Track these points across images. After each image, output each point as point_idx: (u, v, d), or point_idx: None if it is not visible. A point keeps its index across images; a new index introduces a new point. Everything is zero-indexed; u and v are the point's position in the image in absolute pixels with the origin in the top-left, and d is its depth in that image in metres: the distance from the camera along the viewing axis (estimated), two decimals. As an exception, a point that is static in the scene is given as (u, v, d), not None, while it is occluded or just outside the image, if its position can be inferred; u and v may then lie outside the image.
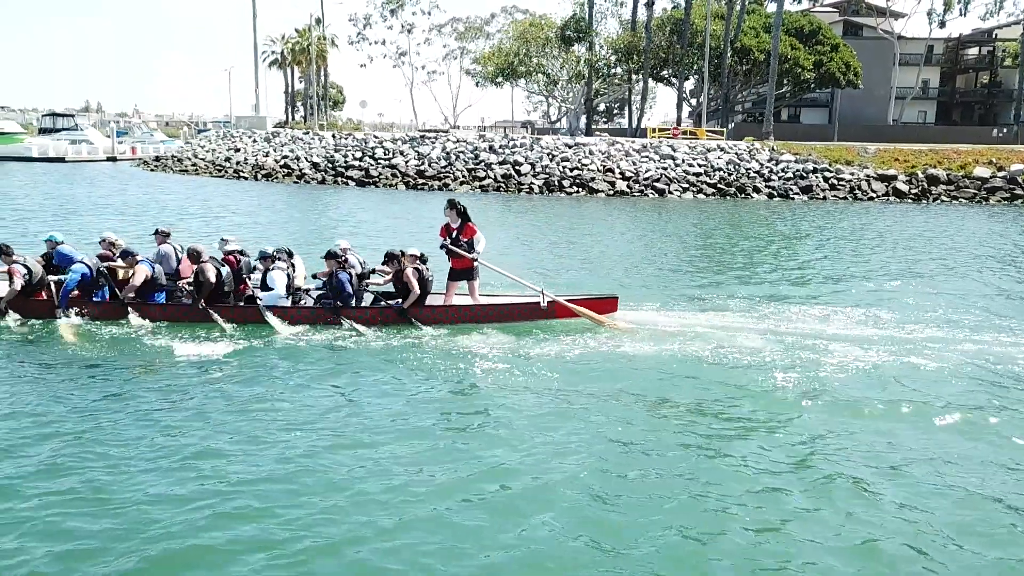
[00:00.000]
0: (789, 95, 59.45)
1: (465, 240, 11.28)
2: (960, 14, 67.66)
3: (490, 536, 5.45)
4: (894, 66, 61.66)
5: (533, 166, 41.17)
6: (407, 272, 10.85)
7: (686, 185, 39.28)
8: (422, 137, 47.11)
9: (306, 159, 46.21)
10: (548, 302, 11.04)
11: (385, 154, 44.47)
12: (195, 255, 10.89)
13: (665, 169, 40.21)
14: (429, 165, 42.58)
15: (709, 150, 41.74)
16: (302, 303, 11.11)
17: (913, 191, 38.57)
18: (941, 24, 65.51)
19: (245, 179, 45.39)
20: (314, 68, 66.46)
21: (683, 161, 40.77)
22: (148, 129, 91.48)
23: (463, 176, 41.31)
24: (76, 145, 63.91)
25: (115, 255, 11.19)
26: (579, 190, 39.28)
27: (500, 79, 61.64)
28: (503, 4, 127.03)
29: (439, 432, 7.31)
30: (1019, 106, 59.59)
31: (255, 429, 7.20)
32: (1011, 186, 37.99)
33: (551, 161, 41.33)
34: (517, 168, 41.13)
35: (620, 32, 61.87)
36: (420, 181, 41.37)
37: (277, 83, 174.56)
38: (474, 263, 11.32)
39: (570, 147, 42.46)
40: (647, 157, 41.25)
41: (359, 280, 11.25)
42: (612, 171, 40.30)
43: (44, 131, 71.42)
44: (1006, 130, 54.68)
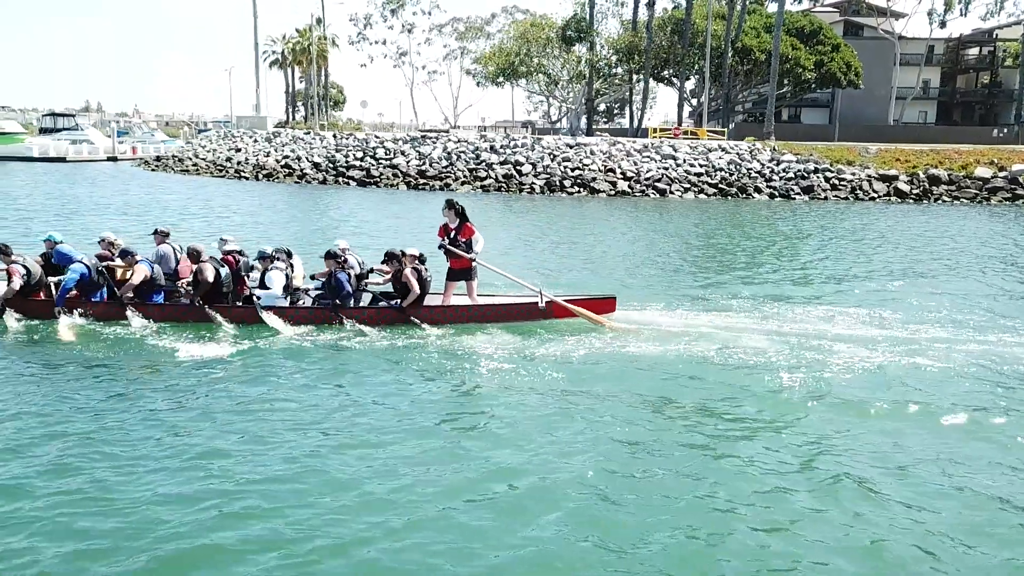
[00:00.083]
0: (790, 95, 59.45)
1: (463, 240, 11.27)
2: (960, 14, 67.75)
3: (498, 536, 5.44)
4: (895, 66, 61.64)
5: (534, 166, 41.17)
6: (406, 272, 10.84)
7: (687, 185, 39.28)
8: (423, 137, 47.10)
9: (307, 159, 46.20)
10: (546, 302, 11.03)
11: (386, 154, 44.47)
12: (195, 255, 10.89)
13: (666, 169, 40.20)
14: (430, 165, 42.58)
15: (710, 150, 41.74)
16: (300, 303, 11.10)
17: (914, 191, 38.57)
18: (942, 24, 65.55)
19: (246, 179, 45.39)
20: (315, 68, 66.46)
21: (684, 161, 40.77)
22: (148, 129, 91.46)
23: (464, 176, 41.30)
24: (77, 145, 63.91)
25: (114, 255, 11.17)
26: (580, 190, 39.28)
27: (501, 79, 61.64)
28: (503, 4, 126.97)
29: (444, 432, 7.31)
30: (1020, 106, 59.59)
31: (260, 429, 7.20)
32: (1012, 186, 37.98)
33: (552, 161, 41.32)
34: (518, 168, 41.13)
35: (621, 32, 61.86)
36: (421, 181, 41.37)
37: (278, 83, 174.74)
38: (472, 263, 11.31)
39: (571, 147, 42.46)
40: (648, 157, 41.25)
41: (358, 280, 11.26)
42: (613, 171, 40.30)
43: (44, 131, 71.43)
44: (1006, 130, 54.66)
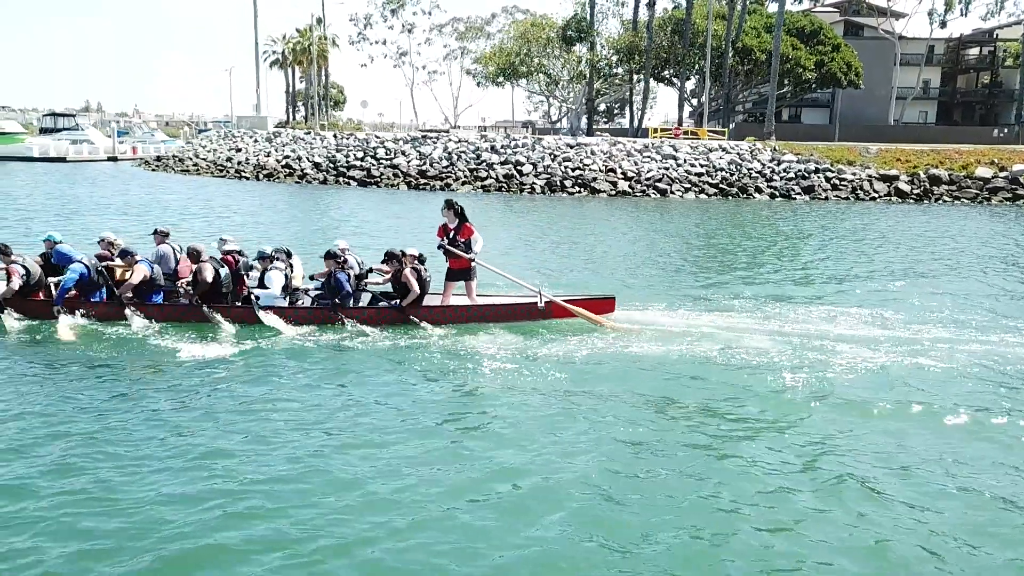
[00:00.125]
0: (790, 95, 59.45)
1: (462, 240, 11.26)
2: (961, 14, 67.78)
3: (502, 536, 5.44)
4: (895, 66, 61.64)
5: (535, 166, 41.17)
6: (406, 272, 10.85)
7: (688, 185, 39.29)
8: (424, 137, 47.11)
9: (308, 159, 46.20)
10: (545, 302, 11.03)
11: (387, 154, 44.47)
12: (195, 254, 10.90)
13: (667, 169, 40.21)
14: (431, 165, 42.58)
15: (711, 150, 41.74)
16: (300, 303, 11.10)
17: (915, 191, 38.58)
18: (942, 24, 65.59)
19: (247, 179, 45.38)
20: (315, 68, 66.46)
21: (685, 161, 40.77)
22: (149, 129, 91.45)
23: (465, 176, 41.31)
24: (77, 145, 63.88)
25: (113, 255, 11.16)
26: (581, 190, 39.28)
27: (501, 79, 61.64)
28: (504, 4, 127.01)
29: (446, 432, 7.31)
30: (1020, 106, 59.60)
31: (263, 429, 7.20)
32: (1013, 186, 37.99)
33: (553, 161, 41.32)
34: (519, 168, 41.13)
35: (621, 32, 61.85)
36: (422, 181, 41.37)
37: (278, 83, 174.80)
38: (471, 263, 11.31)
39: (572, 147, 42.46)
40: (649, 157, 41.25)
41: (357, 280, 11.25)
42: (614, 171, 40.30)
43: (45, 131, 71.40)
44: (1007, 130, 54.68)
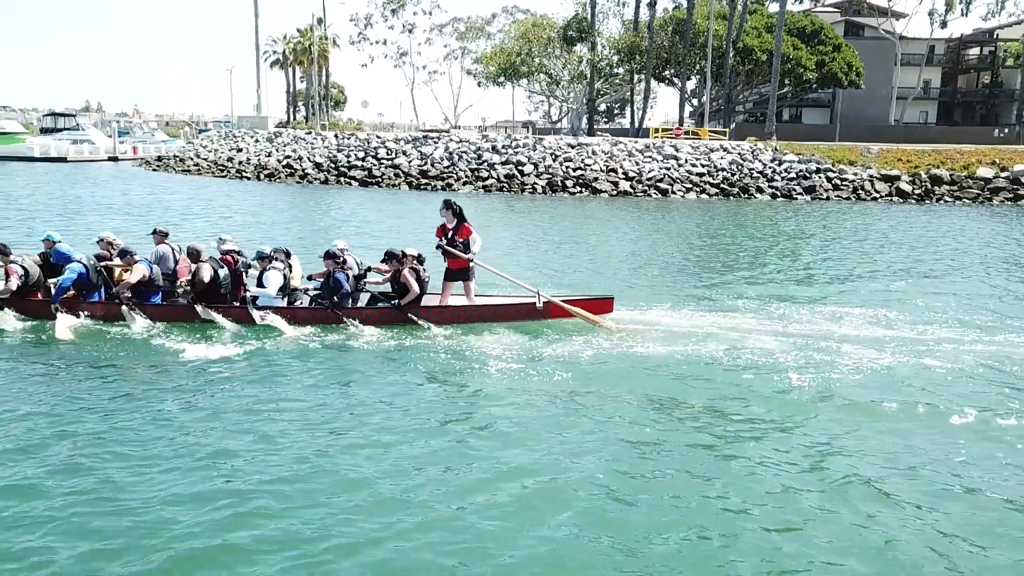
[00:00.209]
0: (791, 95, 59.45)
1: (461, 240, 11.26)
2: (961, 14, 67.86)
3: (511, 536, 5.44)
4: (895, 66, 61.67)
5: (536, 166, 41.16)
6: (405, 272, 10.85)
7: (689, 185, 39.28)
8: (425, 137, 47.11)
9: (309, 159, 46.20)
10: (544, 302, 11.03)
11: (388, 154, 44.46)
12: (195, 254, 10.90)
13: (668, 169, 40.21)
14: (432, 165, 42.58)
15: (712, 150, 41.74)
16: (298, 303, 11.11)
17: (916, 191, 38.58)
18: (942, 24, 65.68)
19: (248, 179, 45.38)
20: (316, 68, 66.47)
21: (686, 161, 40.77)
22: (149, 129, 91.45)
23: (466, 176, 41.30)
24: (78, 145, 63.87)
25: (112, 255, 11.14)
26: (582, 190, 39.27)
27: (502, 79, 61.63)
28: (504, 4, 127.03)
29: (451, 432, 7.31)
30: (1021, 106, 59.69)
31: (268, 429, 7.20)
32: (1014, 186, 37.99)
33: (554, 161, 41.32)
34: (520, 168, 41.13)
35: (622, 32, 61.84)
36: (423, 181, 41.37)
37: (278, 83, 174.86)
38: (470, 264, 11.31)
39: (573, 147, 42.46)
40: (650, 157, 41.25)
41: (356, 281, 11.25)
42: (615, 171, 40.30)
43: (45, 131, 71.37)
44: (1007, 130, 54.71)
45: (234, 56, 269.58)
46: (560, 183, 39.71)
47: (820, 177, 39.36)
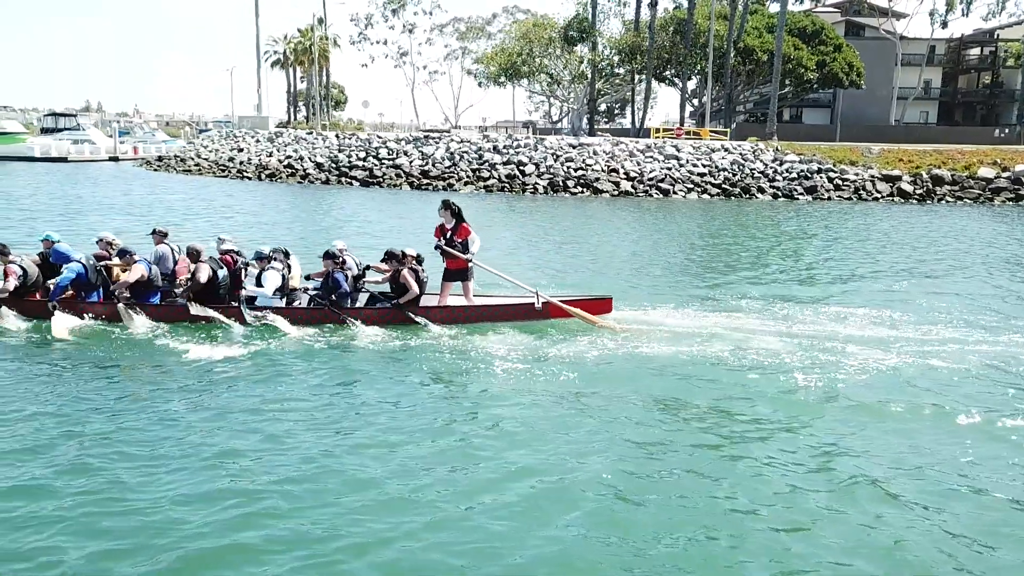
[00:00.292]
0: (791, 95, 59.45)
1: (459, 241, 11.25)
2: (962, 14, 67.77)
3: (519, 537, 5.44)
4: (896, 66, 61.67)
5: (537, 166, 41.16)
6: (404, 272, 10.84)
7: (691, 185, 39.28)
8: (426, 137, 47.11)
9: (310, 159, 46.20)
10: (543, 303, 11.02)
11: (389, 154, 44.47)
12: (194, 254, 10.89)
13: (669, 169, 40.20)
14: (433, 165, 42.57)
15: (713, 150, 41.74)
16: (297, 303, 11.10)
17: (917, 192, 38.58)
18: (943, 24, 65.63)
19: (249, 179, 45.38)
20: (316, 68, 66.49)
21: (687, 161, 40.77)
22: (149, 129, 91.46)
23: (467, 176, 41.29)
24: (78, 145, 63.86)
25: (112, 255, 11.13)
26: (583, 190, 39.27)
27: (503, 79, 61.63)
28: (504, 4, 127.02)
29: (457, 432, 7.30)
30: (1022, 106, 59.63)
31: (274, 429, 7.19)
32: (1015, 186, 38.01)
33: (555, 161, 41.31)
34: (521, 168, 41.12)
35: (623, 32, 61.84)
36: (424, 181, 41.37)
37: (279, 83, 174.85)
38: (468, 264, 11.30)
39: (574, 147, 42.45)
40: (651, 157, 41.25)
41: (355, 281, 11.25)
42: (616, 171, 40.29)
43: (46, 131, 71.30)
44: (1008, 130, 54.72)
45: (234, 56, 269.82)
46: (561, 183, 39.70)
47: (821, 177, 39.35)
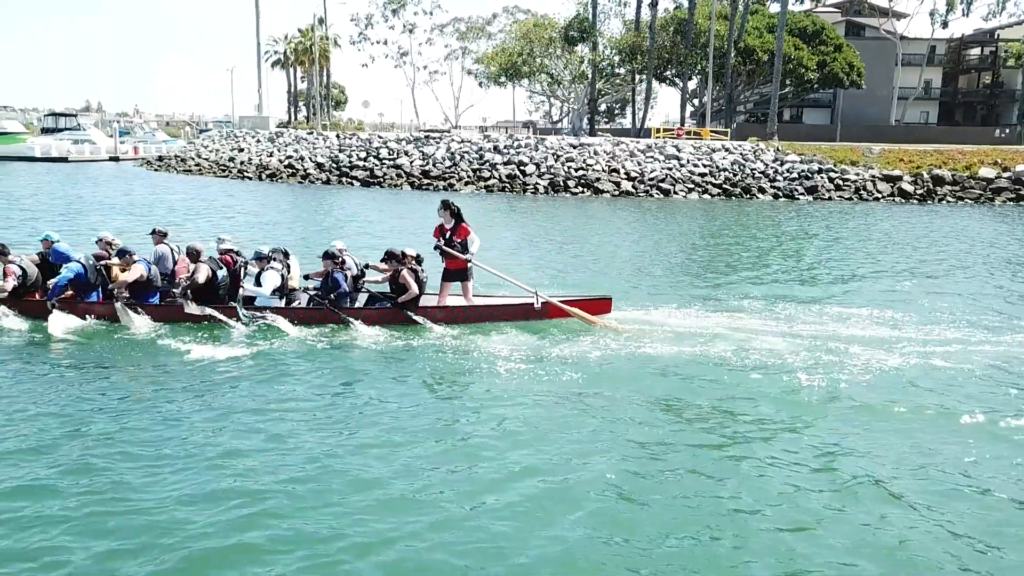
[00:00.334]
0: (792, 95, 59.44)
1: (459, 241, 11.25)
2: (962, 14, 67.78)
3: (523, 537, 5.44)
4: (896, 66, 61.66)
5: (538, 166, 41.16)
6: (404, 272, 10.85)
7: (691, 185, 39.28)
8: (426, 137, 47.11)
9: (310, 159, 46.21)
10: (542, 303, 11.02)
11: (390, 154, 44.47)
12: (194, 254, 10.89)
13: (670, 169, 40.20)
14: (434, 165, 42.57)
15: (714, 150, 41.74)
16: (296, 304, 11.09)
17: (918, 192, 38.57)
18: (943, 24, 65.64)
19: (249, 179, 45.39)
20: (317, 68, 66.49)
21: (688, 161, 40.77)
22: (150, 129, 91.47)
23: (468, 176, 41.29)
24: (79, 145, 63.89)
25: (111, 255, 11.12)
26: (584, 190, 39.27)
27: (504, 79, 61.62)
28: (505, 4, 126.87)
29: (460, 432, 7.30)
30: (1022, 107, 59.63)
31: (277, 429, 7.19)
32: (1016, 186, 38.00)
33: (556, 161, 41.32)
34: (522, 168, 41.12)
35: (624, 32, 61.83)
36: (425, 181, 41.37)
37: (279, 83, 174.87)
38: (468, 264, 11.30)
39: (575, 147, 42.45)
40: (652, 157, 41.25)
41: (354, 281, 11.25)
42: (617, 171, 40.29)
43: (46, 131, 71.32)
44: (1008, 130, 54.72)
45: (234, 56, 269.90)
46: (562, 183, 39.70)
47: (822, 177, 39.35)
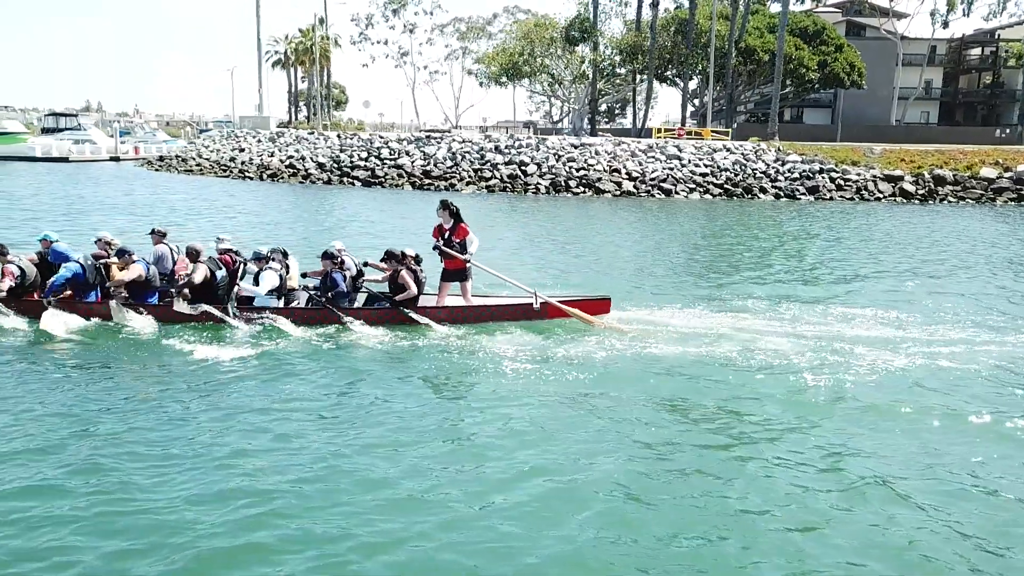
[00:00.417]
0: (792, 95, 59.44)
1: (457, 241, 11.24)
2: (963, 14, 67.73)
3: (531, 537, 5.44)
4: (897, 66, 61.63)
5: (539, 166, 41.15)
6: (403, 272, 10.85)
7: (692, 185, 39.27)
8: (427, 137, 47.11)
9: (311, 159, 46.20)
10: (541, 303, 11.01)
11: (391, 154, 44.46)
12: (193, 254, 10.89)
13: (671, 169, 40.20)
14: (435, 165, 42.57)
15: (715, 150, 41.74)
16: (295, 303, 11.09)
17: (920, 192, 38.57)
18: (944, 24, 65.53)
19: (250, 179, 45.38)
20: (317, 68, 66.47)
21: (689, 161, 40.76)
22: (150, 129, 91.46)
23: (469, 176, 41.29)
24: (79, 145, 63.87)
25: (110, 255, 11.12)
26: (585, 191, 39.26)
27: (504, 79, 61.61)
28: (505, 4, 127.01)
29: (467, 432, 7.29)
30: (1023, 107, 59.59)
31: (283, 429, 7.19)
32: (1018, 186, 38.00)
33: (557, 161, 41.31)
34: (523, 168, 41.12)
35: (624, 32, 61.83)
36: (426, 181, 41.36)
37: (280, 83, 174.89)
38: (467, 264, 11.29)
39: (576, 147, 42.45)
40: (653, 157, 41.24)
41: (354, 281, 11.25)
42: (618, 171, 40.29)
43: (47, 131, 71.31)
44: (1009, 130, 54.70)
45: (235, 56, 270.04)
46: (563, 183, 39.70)
47: (823, 177, 39.34)
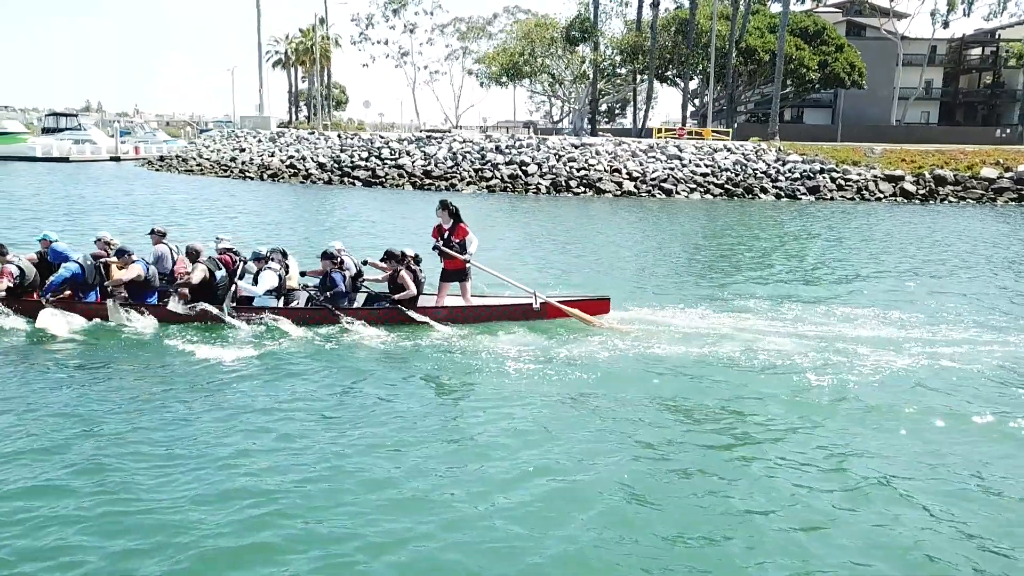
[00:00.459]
0: (793, 95, 59.44)
1: (457, 241, 11.24)
2: (963, 14, 67.72)
3: (535, 537, 5.44)
4: (897, 66, 61.63)
5: (540, 166, 41.16)
6: (402, 273, 10.85)
7: (693, 185, 39.27)
8: (428, 137, 47.11)
9: (312, 159, 46.21)
10: (541, 303, 11.01)
11: (391, 154, 44.47)
12: (193, 254, 10.89)
13: (672, 169, 40.20)
14: (436, 165, 42.57)
15: (716, 150, 41.74)
16: (295, 303, 11.08)
17: (920, 192, 38.56)
18: (944, 24, 65.54)
19: (251, 179, 45.39)
20: (318, 68, 66.49)
21: (690, 162, 40.76)
22: (150, 129, 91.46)
23: (470, 176, 41.29)
24: (80, 145, 63.88)
25: (110, 254, 11.12)
26: (586, 191, 39.26)
27: (505, 79, 61.61)
28: (506, 4, 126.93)
29: (470, 432, 7.29)
30: (1023, 107, 59.58)
31: (286, 429, 7.18)
32: (1018, 187, 37.99)
33: (558, 161, 41.32)
34: (524, 168, 41.12)
35: (625, 32, 61.82)
36: (427, 181, 41.37)
37: (280, 83, 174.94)
38: (466, 264, 11.29)
39: (577, 147, 42.45)
40: (654, 157, 41.24)
41: (353, 281, 11.24)
42: (619, 171, 40.29)
43: (47, 131, 71.33)
44: (1009, 130, 54.70)
45: (235, 56, 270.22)
46: (564, 183, 39.70)
47: (824, 177, 39.34)
